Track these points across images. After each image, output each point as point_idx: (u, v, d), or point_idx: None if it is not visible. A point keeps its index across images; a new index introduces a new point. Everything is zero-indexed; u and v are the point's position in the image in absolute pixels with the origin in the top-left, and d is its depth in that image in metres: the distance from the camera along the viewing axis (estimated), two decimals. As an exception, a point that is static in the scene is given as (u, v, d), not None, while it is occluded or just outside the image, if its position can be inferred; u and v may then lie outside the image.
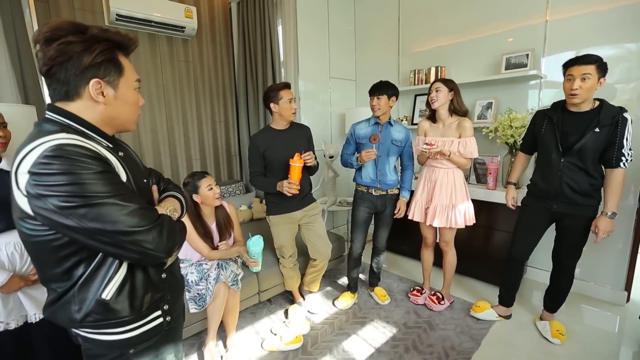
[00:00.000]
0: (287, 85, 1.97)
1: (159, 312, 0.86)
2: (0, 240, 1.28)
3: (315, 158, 2.10)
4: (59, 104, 0.75)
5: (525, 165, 2.05)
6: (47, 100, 2.24)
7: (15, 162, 0.66)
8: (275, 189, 1.91)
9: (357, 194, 2.23)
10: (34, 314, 1.35)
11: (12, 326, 1.31)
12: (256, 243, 1.85)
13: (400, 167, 2.23)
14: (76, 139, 0.69)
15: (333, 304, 2.32)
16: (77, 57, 0.70)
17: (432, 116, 2.08)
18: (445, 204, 2.04)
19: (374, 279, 2.43)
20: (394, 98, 2.03)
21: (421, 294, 2.32)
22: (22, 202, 0.67)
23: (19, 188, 0.66)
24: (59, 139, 0.67)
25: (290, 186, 1.86)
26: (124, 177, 0.77)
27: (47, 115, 0.75)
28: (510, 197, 2.05)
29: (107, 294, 0.75)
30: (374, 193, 2.14)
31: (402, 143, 2.10)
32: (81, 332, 0.79)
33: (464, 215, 2.05)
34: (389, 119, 2.09)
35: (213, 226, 1.94)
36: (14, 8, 1.93)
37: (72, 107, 0.75)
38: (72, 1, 2.40)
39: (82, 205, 0.65)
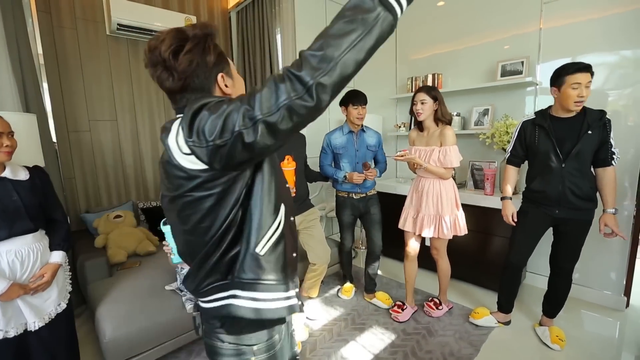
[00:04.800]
0: None
1: (296, 290, 0.81)
2: (2, 248, 1.28)
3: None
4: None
5: (516, 178, 2.01)
6: (49, 109, 2.27)
7: (171, 140, 0.67)
8: None
9: (338, 199, 2.35)
10: (34, 322, 1.35)
11: (12, 334, 1.30)
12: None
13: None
14: None
15: (338, 294, 2.52)
16: (202, 60, 0.72)
17: (419, 125, 2.07)
18: (433, 214, 2.02)
19: (372, 285, 2.43)
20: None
21: (402, 310, 2.20)
22: (187, 162, 0.65)
23: (181, 151, 0.65)
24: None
25: None
26: None
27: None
28: (509, 212, 1.94)
29: (262, 249, 0.73)
30: (354, 197, 2.25)
31: (376, 147, 2.27)
32: (230, 301, 0.75)
33: (452, 226, 2.01)
34: (362, 125, 2.22)
35: None
36: (17, 18, 1.96)
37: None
38: (75, 11, 2.44)
39: (226, 102, 0.63)
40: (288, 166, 1.86)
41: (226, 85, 0.77)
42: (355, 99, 2.10)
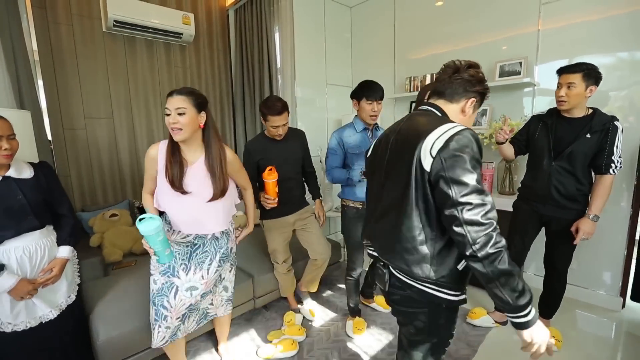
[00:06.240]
0: (279, 112, 1.81)
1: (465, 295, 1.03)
2: (10, 245, 1.31)
3: (312, 165, 2.16)
4: (438, 102, 1.06)
5: (510, 153, 1.96)
6: (44, 105, 2.24)
7: (431, 138, 0.90)
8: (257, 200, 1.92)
9: (349, 212, 1.94)
10: (45, 314, 1.38)
11: (21, 328, 1.33)
12: (146, 224, 1.26)
13: None
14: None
15: (347, 332, 2.08)
16: (474, 83, 1.02)
17: None
18: None
19: (370, 291, 2.33)
20: None
21: None
22: (425, 159, 0.90)
23: (430, 153, 0.88)
24: (460, 126, 0.91)
25: (266, 201, 1.86)
26: None
27: (431, 108, 1.06)
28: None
29: (461, 265, 0.96)
30: None
31: None
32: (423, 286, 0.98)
33: None
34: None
35: (197, 165, 1.41)
36: (11, 13, 1.94)
37: (449, 107, 1.05)
38: (70, 7, 2.41)
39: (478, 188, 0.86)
40: (269, 178, 1.80)
41: (465, 109, 1.05)
42: (370, 92, 1.78)
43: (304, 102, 3.26)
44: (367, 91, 1.79)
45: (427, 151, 0.89)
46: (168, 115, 1.32)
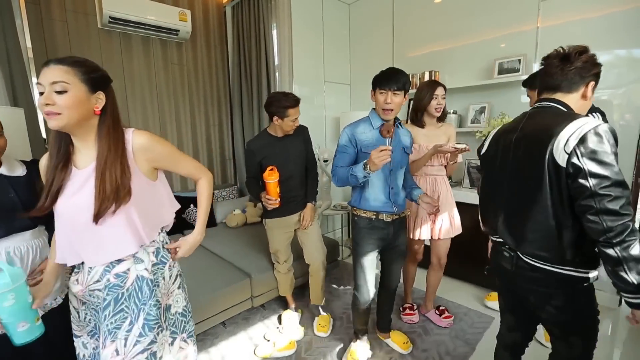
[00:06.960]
0: (297, 103, 1.89)
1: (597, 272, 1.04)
2: (0, 246, 1.27)
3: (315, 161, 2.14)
4: (556, 96, 1.06)
5: None
6: (37, 102, 2.20)
7: (564, 135, 0.93)
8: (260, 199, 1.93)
9: (360, 223, 1.66)
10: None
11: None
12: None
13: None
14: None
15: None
16: (589, 67, 1.02)
17: (420, 120, 1.99)
18: (451, 214, 2.01)
19: (387, 323, 1.97)
20: (406, 94, 1.55)
21: (413, 310, 2.20)
22: (559, 156, 0.93)
23: (564, 149, 0.92)
24: (594, 121, 0.93)
25: (268, 202, 1.86)
26: None
27: (552, 103, 1.06)
28: None
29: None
30: (385, 219, 1.63)
31: (409, 150, 1.69)
32: (558, 269, 1.02)
33: (459, 220, 2.07)
34: (396, 118, 1.64)
35: (87, 170, 0.95)
36: (5, 9, 1.91)
37: (568, 98, 1.05)
38: (64, 3, 2.38)
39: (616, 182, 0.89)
40: (270, 178, 1.79)
41: (587, 95, 1.05)
42: (383, 79, 1.50)
43: (302, 100, 3.19)
44: (381, 79, 1.52)
45: (561, 148, 0.93)
46: (41, 93, 0.89)
